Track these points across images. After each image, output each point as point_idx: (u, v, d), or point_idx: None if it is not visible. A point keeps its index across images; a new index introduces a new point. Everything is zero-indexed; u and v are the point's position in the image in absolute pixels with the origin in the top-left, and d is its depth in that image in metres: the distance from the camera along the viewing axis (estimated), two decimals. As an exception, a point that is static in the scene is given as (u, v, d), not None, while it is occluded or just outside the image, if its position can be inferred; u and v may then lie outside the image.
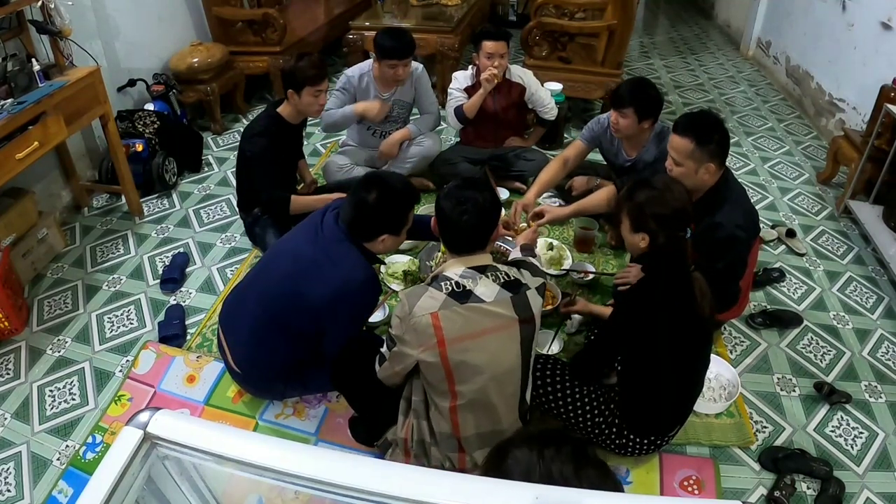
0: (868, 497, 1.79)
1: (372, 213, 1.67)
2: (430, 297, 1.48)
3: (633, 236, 1.65)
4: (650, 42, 5.98)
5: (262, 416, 1.99)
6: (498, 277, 1.53)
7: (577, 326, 2.26)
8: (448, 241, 1.60)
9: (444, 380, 1.49)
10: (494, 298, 1.49)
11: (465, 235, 1.56)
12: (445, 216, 1.56)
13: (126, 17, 3.36)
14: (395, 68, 2.71)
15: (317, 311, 1.69)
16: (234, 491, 1.06)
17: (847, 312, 2.48)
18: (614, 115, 2.38)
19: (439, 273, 1.56)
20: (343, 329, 1.76)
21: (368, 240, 1.72)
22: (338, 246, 1.70)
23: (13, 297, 2.25)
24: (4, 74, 2.28)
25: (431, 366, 1.49)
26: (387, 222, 1.71)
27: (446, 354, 1.46)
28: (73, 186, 3.05)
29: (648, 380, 1.64)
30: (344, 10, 4.77)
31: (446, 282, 1.50)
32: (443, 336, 1.45)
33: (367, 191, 1.66)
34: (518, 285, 1.54)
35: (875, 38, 3.42)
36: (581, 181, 2.82)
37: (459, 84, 3.02)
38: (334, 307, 1.68)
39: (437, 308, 1.46)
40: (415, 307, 1.47)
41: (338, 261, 1.68)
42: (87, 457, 1.87)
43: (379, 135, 3.06)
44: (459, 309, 1.47)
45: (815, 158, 3.68)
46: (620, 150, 2.58)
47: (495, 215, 1.59)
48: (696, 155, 1.83)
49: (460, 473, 0.79)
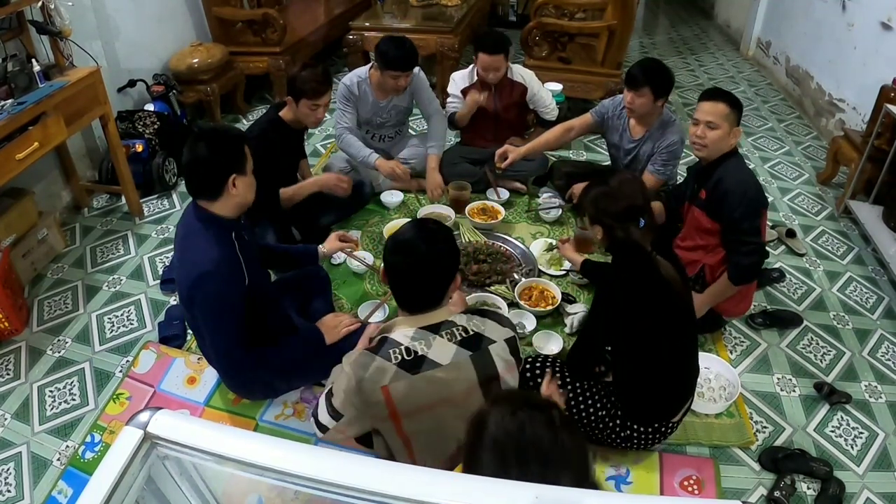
0: (868, 497, 1.79)
1: (208, 161, 1.58)
2: (379, 369, 1.31)
3: (593, 228, 1.76)
4: (650, 42, 5.98)
5: (262, 417, 1.99)
6: (454, 335, 1.35)
7: (577, 326, 2.26)
8: (398, 298, 1.40)
9: (402, 447, 1.38)
10: (451, 361, 1.32)
11: (417, 293, 1.38)
12: (394, 272, 1.37)
13: (126, 17, 3.36)
14: (397, 79, 2.70)
15: (190, 307, 1.67)
16: (234, 491, 1.06)
17: (847, 312, 2.48)
18: (629, 96, 2.45)
19: (387, 335, 1.37)
20: (210, 322, 1.66)
21: (219, 192, 1.61)
22: (190, 230, 1.65)
23: (13, 298, 2.26)
24: (4, 75, 2.28)
25: (386, 431, 1.37)
26: (226, 164, 1.60)
27: (401, 426, 1.34)
28: (74, 187, 3.06)
29: (640, 365, 1.66)
30: (344, 10, 4.77)
31: (395, 349, 1.32)
32: (396, 409, 1.31)
33: (195, 146, 1.58)
34: (478, 341, 1.36)
35: (875, 38, 3.42)
36: (580, 187, 2.80)
37: (457, 86, 3.02)
38: (190, 302, 1.65)
39: (388, 381, 1.30)
40: (363, 380, 1.31)
41: (188, 249, 1.63)
42: (85, 456, 1.87)
43: (378, 139, 3.06)
44: (411, 380, 1.30)
45: (815, 158, 3.68)
46: (626, 130, 2.64)
47: (452, 268, 1.39)
48: (731, 118, 1.98)
49: (460, 474, 0.80)
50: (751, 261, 2.00)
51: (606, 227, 1.69)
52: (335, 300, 2.40)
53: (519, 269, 2.55)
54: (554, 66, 3.77)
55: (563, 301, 2.33)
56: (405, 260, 1.35)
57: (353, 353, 1.39)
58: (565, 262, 2.58)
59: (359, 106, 2.87)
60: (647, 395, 1.68)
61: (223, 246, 1.64)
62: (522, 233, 2.84)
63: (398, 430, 1.35)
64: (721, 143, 2.01)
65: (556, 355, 2.12)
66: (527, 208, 3.02)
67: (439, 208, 2.88)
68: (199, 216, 1.65)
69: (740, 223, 1.97)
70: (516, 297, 2.32)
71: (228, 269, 1.63)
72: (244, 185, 1.65)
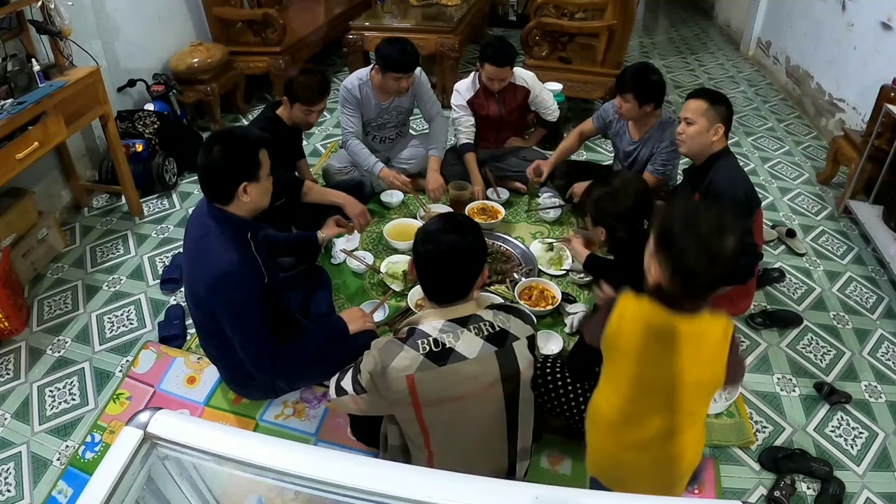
0: (868, 497, 1.79)
1: (222, 167, 1.57)
2: (406, 358, 1.32)
3: (595, 229, 1.76)
4: (650, 42, 5.98)
5: (262, 417, 1.99)
6: (481, 330, 1.36)
7: (577, 326, 2.26)
8: (426, 289, 1.42)
9: (419, 434, 1.38)
10: (477, 355, 1.33)
11: (445, 284, 1.38)
12: (423, 262, 1.37)
13: (126, 17, 3.36)
14: (399, 81, 2.70)
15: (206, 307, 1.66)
16: (234, 491, 1.06)
17: (847, 312, 2.48)
18: (618, 100, 2.50)
19: (415, 325, 1.38)
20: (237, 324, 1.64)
21: (231, 198, 1.61)
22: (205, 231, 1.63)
23: (13, 297, 2.25)
24: (4, 74, 2.28)
25: (405, 419, 1.38)
26: (239, 171, 1.59)
27: (422, 415, 1.35)
28: (73, 186, 3.05)
29: None
30: (344, 10, 4.77)
31: (423, 339, 1.33)
32: (418, 399, 1.32)
33: (210, 149, 1.57)
34: (504, 337, 1.37)
35: (875, 38, 3.42)
36: (581, 187, 2.80)
37: (461, 98, 2.98)
38: (208, 304, 1.64)
39: (414, 371, 1.31)
40: (388, 367, 1.32)
41: (204, 250, 1.62)
42: (85, 456, 1.87)
43: (378, 140, 3.06)
44: (437, 372, 1.31)
45: (815, 158, 3.68)
46: (625, 132, 2.66)
47: (480, 260, 1.40)
48: (709, 114, 1.97)
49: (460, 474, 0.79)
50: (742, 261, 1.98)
51: (609, 229, 1.69)
52: (335, 300, 2.40)
53: (519, 269, 2.55)
54: (554, 65, 3.77)
55: (563, 301, 2.33)
56: (436, 249, 1.35)
57: (382, 340, 1.40)
58: (565, 262, 2.58)
59: (361, 108, 2.87)
60: None
61: (240, 246, 1.63)
62: (522, 233, 2.84)
63: (419, 419, 1.36)
64: (700, 139, 1.99)
65: (556, 355, 2.12)
66: (527, 208, 3.02)
67: (440, 208, 2.88)
68: (213, 216, 1.64)
69: None
70: (516, 297, 2.32)
71: (248, 270, 1.63)
72: (257, 192, 1.64)
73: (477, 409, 1.36)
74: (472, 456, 1.43)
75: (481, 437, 1.41)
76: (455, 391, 1.33)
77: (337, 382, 1.49)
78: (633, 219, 1.65)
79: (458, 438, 1.40)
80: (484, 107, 2.98)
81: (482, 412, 1.38)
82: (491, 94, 2.94)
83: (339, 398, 1.47)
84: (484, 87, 2.92)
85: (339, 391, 1.47)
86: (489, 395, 1.36)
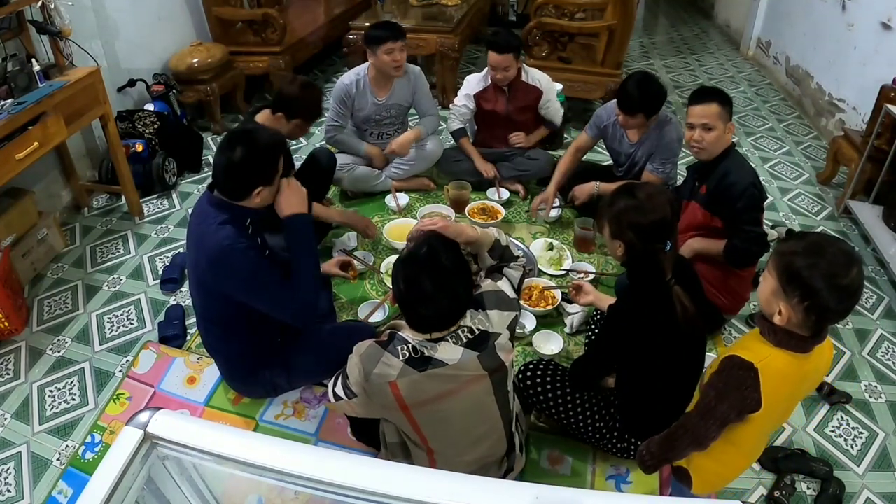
0: (868, 497, 1.79)
1: (241, 170, 1.59)
2: (387, 365, 1.33)
3: (612, 243, 1.62)
4: (650, 42, 5.98)
5: (262, 417, 1.99)
6: (459, 338, 1.36)
7: (577, 326, 2.26)
8: (409, 322, 1.39)
9: (414, 432, 1.41)
10: (458, 361, 1.34)
11: (429, 322, 1.36)
12: (405, 301, 1.35)
13: (126, 17, 3.36)
14: (391, 53, 2.68)
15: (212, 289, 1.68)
16: (234, 491, 1.06)
17: (847, 312, 2.48)
18: (622, 118, 2.47)
19: (395, 331, 1.40)
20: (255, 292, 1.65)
21: (243, 197, 1.64)
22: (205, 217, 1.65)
23: (13, 297, 2.25)
24: (4, 74, 2.28)
25: (398, 420, 1.41)
26: (258, 175, 1.62)
27: (412, 417, 1.37)
28: (73, 186, 3.05)
29: (645, 386, 1.64)
30: (344, 10, 4.77)
31: (403, 346, 1.34)
32: (405, 403, 1.34)
33: (231, 149, 1.58)
34: (485, 339, 1.38)
35: (875, 38, 3.42)
36: (582, 190, 2.79)
37: (470, 88, 2.98)
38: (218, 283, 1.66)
39: (395, 377, 1.32)
40: (371, 374, 1.33)
41: (205, 233, 1.63)
42: (85, 456, 1.87)
43: (376, 136, 3.06)
44: (418, 377, 1.32)
45: (815, 158, 3.68)
46: (624, 137, 2.66)
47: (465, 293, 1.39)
48: (724, 115, 1.99)
49: (460, 474, 0.79)
50: (746, 246, 2.02)
51: (628, 244, 1.57)
52: (335, 300, 2.40)
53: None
54: (554, 66, 3.76)
55: (563, 301, 2.33)
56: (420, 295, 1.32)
57: (364, 345, 1.41)
58: (565, 262, 2.58)
59: (359, 104, 2.86)
60: (647, 413, 1.66)
61: (237, 225, 1.65)
62: (522, 233, 2.84)
63: (410, 420, 1.38)
64: (720, 143, 2.02)
65: (556, 355, 2.12)
66: (527, 208, 3.02)
67: (439, 208, 2.88)
68: (212, 202, 1.66)
69: (742, 214, 1.99)
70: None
71: (247, 240, 1.64)
72: (268, 194, 1.68)
73: (467, 402, 1.39)
74: (472, 440, 1.45)
75: (476, 422, 1.44)
76: (439, 390, 1.35)
77: (332, 388, 1.51)
78: (656, 236, 1.52)
79: (454, 429, 1.42)
80: (491, 101, 2.97)
81: (473, 405, 1.41)
82: (500, 90, 2.93)
83: (337, 402, 1.49)
84: (493, 84, 2.91)
85: (335, 396, 1.49)
86: (478, 388, 1.39)
